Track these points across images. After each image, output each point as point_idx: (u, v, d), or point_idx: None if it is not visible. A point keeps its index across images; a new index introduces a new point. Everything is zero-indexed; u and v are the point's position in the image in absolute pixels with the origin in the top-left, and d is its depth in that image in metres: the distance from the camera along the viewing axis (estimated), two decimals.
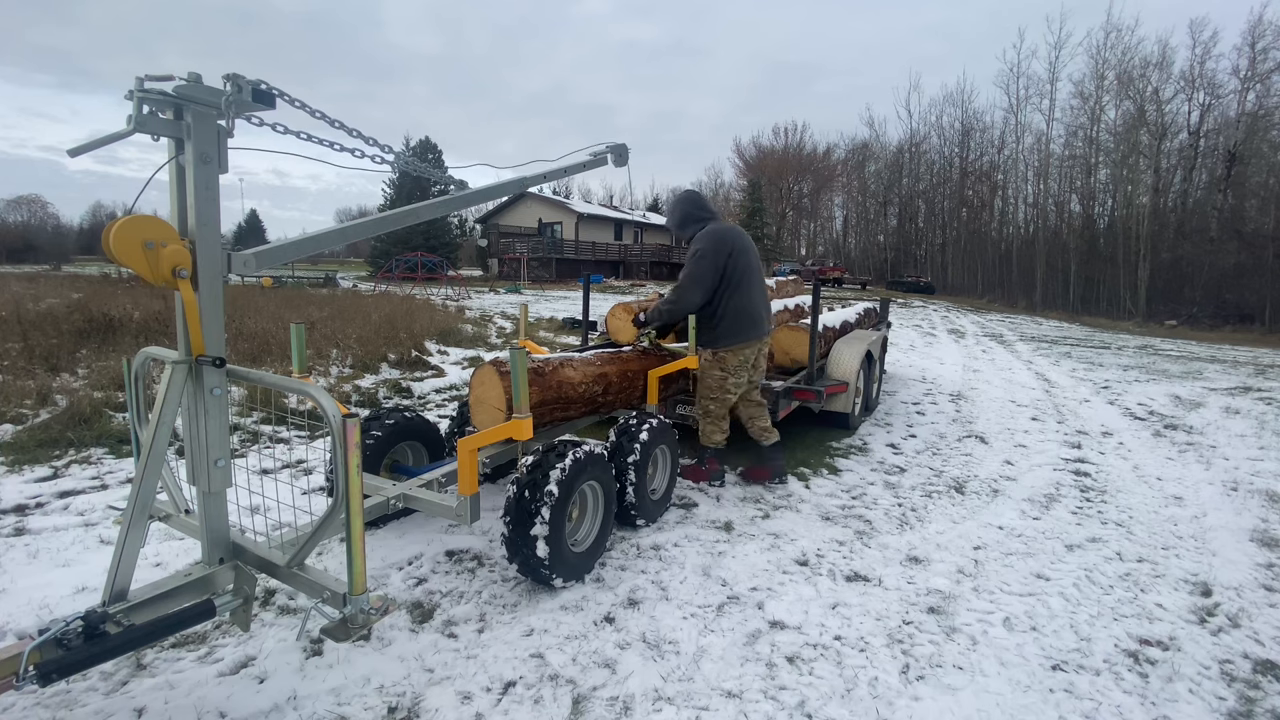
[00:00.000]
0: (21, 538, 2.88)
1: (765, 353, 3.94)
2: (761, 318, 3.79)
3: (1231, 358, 12.48)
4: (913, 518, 3.58)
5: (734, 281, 3.67)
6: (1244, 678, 2.26)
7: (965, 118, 48.44)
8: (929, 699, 2.06)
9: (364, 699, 1.95)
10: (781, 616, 2.51)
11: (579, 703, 1.98)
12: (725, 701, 2.01)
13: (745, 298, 3.70)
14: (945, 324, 16.97)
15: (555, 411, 3.13)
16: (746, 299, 3.70)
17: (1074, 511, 3.77)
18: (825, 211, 60.47)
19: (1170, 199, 37.25)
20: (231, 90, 1.75)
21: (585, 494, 2.80)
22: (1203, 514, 3.80)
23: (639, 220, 43.28)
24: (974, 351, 11.42)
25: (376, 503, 2.50)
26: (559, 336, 10.74)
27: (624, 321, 4.46)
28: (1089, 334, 18.10)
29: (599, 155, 3.60)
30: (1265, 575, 3.03)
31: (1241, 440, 5.54)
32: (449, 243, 35.29)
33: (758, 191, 48.22)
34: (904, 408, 6.45)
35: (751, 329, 3.72)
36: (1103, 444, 5.33)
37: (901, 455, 4.80)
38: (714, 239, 3.66)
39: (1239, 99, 34.86)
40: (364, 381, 6.34)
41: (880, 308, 7.54)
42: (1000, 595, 2.75)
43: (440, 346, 8.67)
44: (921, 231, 53.04)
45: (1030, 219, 43.59)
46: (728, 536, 3.22)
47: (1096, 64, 38.36)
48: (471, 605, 2.50)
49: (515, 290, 24.02)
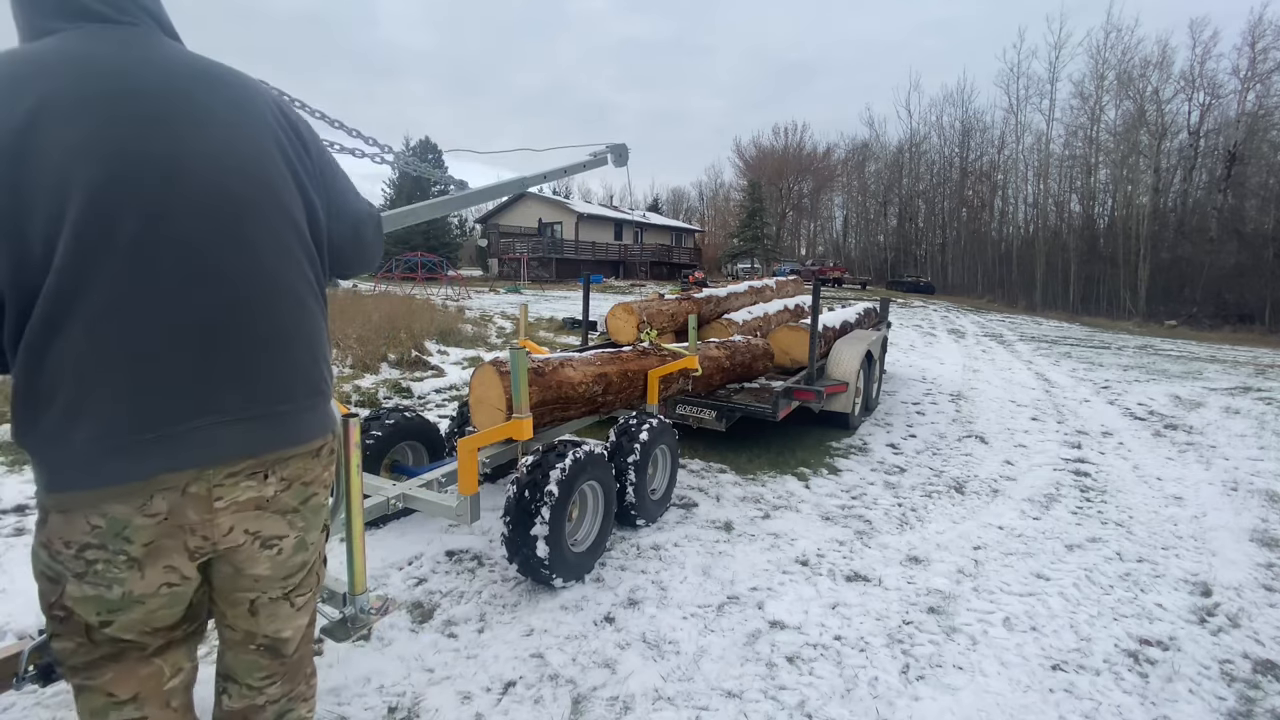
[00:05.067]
0: (21, 537, 2.88)
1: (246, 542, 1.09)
2: (186, 378, 0.97)
3: (1231, 358, 12.47)
4: (913, 518, 3.58)
5: (76, 265, 0.89)
6: (1244, 678, 2.26)
7: (965, 117, 48.41)
8: (929, 699, 2.06)
9: (364, 699, 1.95)
10: (781, 616, 2.51)
11: (579, 703, 1.98)
12: (725, 701, 2.01)
13: (124, 318, 0.92)
14: (945, 324, 16.97)
15: (555, 411, 3.13)
16: (127, 321, 0.92)
17: (1074, 511, 3.77)
18: (825, 211, 60.47)
19: (1170, 199, 37.23)
20: None
21: (585, 494, 2.80)
22: (1203, 514, 3.80)
23: (639, 220, 43.29)
24: (974, 351, 11.42)
25: (376, 503, 2.50)
26: (559, 336, 10.73)
27: (624, 322, 4.47)
28: (1089, 334, 18.09)
29: (599, 155, 3.61)
30: (1265, 575, 3.03)
31: (1241, 440, 5.54)
32: (449, 243, 35.32)
33: (758, 191, 48.22)
34: (904, 408, 6.45)
35: (138, 432, 0.93)
36: (1103, 444, 5.32)
37: (901, 455, 4.80)
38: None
39: (1239, 99, 34.84)
40: (364, 381, 6.34)
41: (880, 308, 7.54)
42: (1000, 595, 2.75)
43: (440, 346, 8.67)
44: (921, 231, 53.02)
45: (1030, 219, 43.57)
46: (728, 536, 3.22)
47: (1096, 64, 38.33)
48: (471, 605, 2.50)
49: (515, 290, 24.02)
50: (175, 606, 1.05)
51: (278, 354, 1.07)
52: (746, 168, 57.84)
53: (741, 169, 59.06)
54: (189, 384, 0.96)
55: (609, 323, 4.64)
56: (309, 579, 1.22)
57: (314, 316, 1.14)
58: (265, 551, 1.10)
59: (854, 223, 58.68)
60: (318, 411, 1.16)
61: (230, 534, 1.05)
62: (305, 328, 1.11)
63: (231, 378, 1.00)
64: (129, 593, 0.98)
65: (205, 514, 1.00)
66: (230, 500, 1.03)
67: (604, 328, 4.86)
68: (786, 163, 55.54)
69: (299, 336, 1.10)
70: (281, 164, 1.09)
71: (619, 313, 4.60)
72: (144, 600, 0.99)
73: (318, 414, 1.16)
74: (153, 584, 0.99)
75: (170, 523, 0.97)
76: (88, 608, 0.98)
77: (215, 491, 1.01)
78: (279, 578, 1.15)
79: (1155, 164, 36.03)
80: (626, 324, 4.50)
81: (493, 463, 3.03)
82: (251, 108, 1.08)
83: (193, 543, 1.01)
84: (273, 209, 1.06)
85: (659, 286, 27.69)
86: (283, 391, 1.08)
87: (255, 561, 1.10)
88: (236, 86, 1.08)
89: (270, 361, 1.06)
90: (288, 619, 1.20)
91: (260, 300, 1.04)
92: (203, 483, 0.99)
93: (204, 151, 0.99)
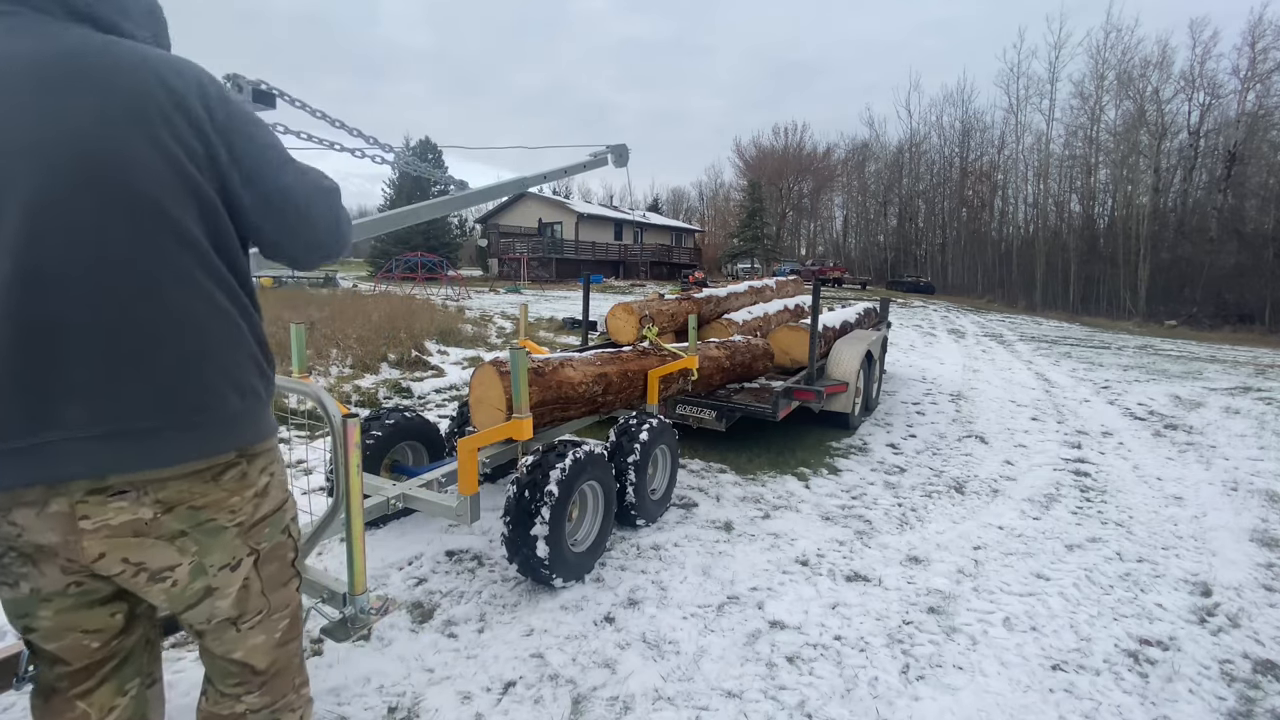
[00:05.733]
0: None
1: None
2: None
3: (1231, 358, 12.47)
4: (913, 518, 3.58)
5: None
6: (1244, 678, 2.26)
7: (965, 117, 48.41)
8: (929, 699, 2.06)
9: (364, 699, 1.95)
10: (781, 616, 2.51)
11: (579, 703, 1.98)
12: (725, 701, 2.01)
13: None
14: (945, 324, 16.96)
15: (555, 412, 3.13)
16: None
17: (1074, 511, 3.77)
18: (825, 211, 60.46)
19: (1170, 199, 37.22)
20: (232, 90, 1.75)
21: (585, 494, 2.80)
22: (1203, 514, 3.80)
23: (639, 220, 43.29)
24: (974, 351, 11.41)
25: (376, 503, 2.50)
26: (559, 336, 10.73)
27: (624, 321, 4.46)
28: (1089, 334, 18.09)
29: (599, 155, 3.61)
30: (1265, 575, 3.03)
31: (1241, 440, 5.54)
32: (449, 243, 35.29)
33: (758, 191, 48.21)
34: (904, 408, 6.45)
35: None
36: (1103, 444, 5.32)
37: (901, 455, 4.79)
38: None
39: (1239, 99, 34.83)
40: (364, 381, 6.34)
41: (880, 308, 7.54)
42: (1000, 595, 2.75)
43: (440, 346, 8.67)
44: (921, 231, 53.01)
45: (1030, 219, 43.57)
46: (728, 536, 3.22)
47: (1096, 64, 38.33)
48: (471, 605, 2.50)
49: (515, 290, 24.02)
50: (93, 616, 1.04)
51: (131, 364, 0.93)
52: (746, 168, 57.84)
53: (741, 169, 59.07)
54: (17, 397, 0.89)
55: (609, 323, 4.64)
56: (248, 603, 1.12)
57: (206, 319, 0.99)
58: (157, 585, 1.02)
59: (854, 223, 58.69)
60: (206, 429, 1.00)
61: (102, 560, 0.96)
62: (187, 332, 0.97)
63: (69, 391, 0.90)
64: (37, 589, 0.99)
65: (68, 534, 0.93)
66: (100, 522, 0.94)
67: (604, 328, 4.86)
68: (786, 163, 55.53)
69: (171, 343, 0.96)
70: (152, 154, 0.93)
71: (619, 313, 4.60)
72: (52, 599, 1.00)
73: (205, 432, 1.00)
74: (57, 582, 0.98)
75: (28, 539, 0.94)
76: (10, 611, 1.02)
77: (79, 510, 0.93)
78: (182, 609, 1.06)
79: (1155, 164, 36.03)
80: (626, 324, 4.50)
81: (493, 463, 3.03)
82: (112, 96, 0.92)
83: (59, 562, 0.97)
84: (129, 203, 0.92)
85: (659, 286, 27.68)
86: (144, 406, 0.94)
87: (148, 593, 1.03)
88: (92, 75, 0.92)
89: (120, 372, 0.92)
90: (237, 641, 1.13)
91: (103, 304, 0.91)
92: (62, 500, 0.92)
93: (17, 149, 0.89)
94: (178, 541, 1.01)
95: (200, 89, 1.00)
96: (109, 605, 1.06)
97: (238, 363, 1.03)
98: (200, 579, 1.05)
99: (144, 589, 1.02)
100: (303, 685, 1.29)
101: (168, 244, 0.95)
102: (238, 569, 1.09)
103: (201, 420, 0.99)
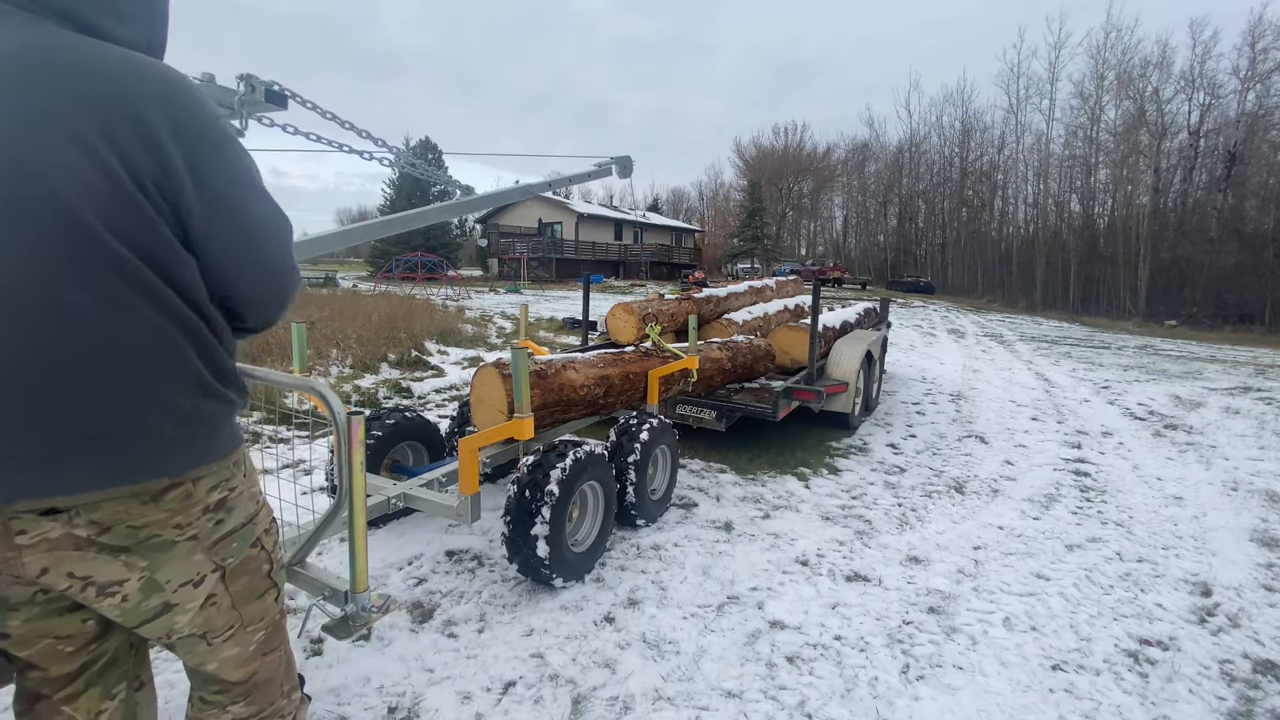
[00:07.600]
0: None
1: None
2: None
3: (1231, 358, 12.47)
4: (913, 518, 3.58)
5: None
6: (1244, 678, 2.26)
7: (965, 117, 48.43)
8: (929, 699, 2.06)
9: (364, 699, 1.96)
10: (781, 616, 2.51)
11: (579, 703, 1.99)
12: (725, 701, 2.01)
13: None
14: (945, 324, 16.96)
15: (556, 414, 3.13)
16: None
17: (1074, 511, 3.77)
18: (825, 211, 60.46)
19: (1170, 199, 37.22)
20: (245, 90, 1.76)
21: (585, 494, 2.80)
22: (1203, 514, 3.80)
23: (639, 220, 43.30)
24: (974, 351, 11.42)
25: (377, 502, 2.51)
26: (559, 336, 10.74)
27: (624, 321, 4.47)
28: (1089, 334, 18.09)
29: (604, 165, 3.62)
30: (1265, 575, 3.03)
31: (1241, 440, 5.54)
32: (449, 243, 35.30)
33: (758, 191, 48.22)
34: (904, 408, 6.45)
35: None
36: (1103, 444, 5.33)
37: (901, 455, 4.80)
38: None
39: (1239, 99, 34.83)
40: (364, 381, 6.34)
41: (880, 308, 7.55)
42: (1000, 595, 2.75)
43: (440, 346, 8.67)
44: (921, 231, 53.01)
45: (1030, 219, 43.58)
46: (728, 536, 3.22)
47: (1096, 64, 38.34)
48: (471, 605, 2.50)
49: (515, 290, 24.01)
50: (64, 623, 1.02)
51: (40, 389, 0.87)
52: (746, 167, 57.85)
53: (741, 169, 59.09)
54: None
55: (609, 323, 4.64)
56: (217, 618, 1.09)
57: (129, 339, 0.91)
58: (107, 599, 0.98)
59: (854, 223, 58.68)
60: (126, 457, 0.93)
61: (46, 576, 0.93)
62: (98, 355, 0.89)
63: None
64: (5, 598, 0.96)
65: (7, 551, 0.91)
66: (38, 536, 0.91)
67: (604, 328, 4.86)
68: (786, 163, 55.54)
69: (78, 367, 0.88)
70: (79, 161, 0.85)
71: (619, 313, 4.60)
72: (19, 608, 0.98)
73: (125, 459, 0.93)
74: (21, 592, 0.96)
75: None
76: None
77: (14, 525, 0.90)
78: (136, 623, 1.03)
79: (1155, 164, 36.02)
80: (627, 324, 4.50)
81: (493, 463, 3.04)
82: (45, 98, 0.86)
83: (4, 579, 0.94)
84: (34, 211, 0.84)
85: (659, 286, 27.68)
86: (62, 429, 0.89)
87: (100, 607, 0.99)
88: (33, 75, 0.86)
89: (30, 398, 0.87)
90: (209, 654, 1.11)
91: (11, 323, 0.85)
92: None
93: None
94: (122, 557, 0.96)
95: (166, 100, 0.93)
96: (79, 612, 1.03)
97: (174, 384, 0.96)
98: (155, 595, 1.01)
99: (94, 603, 0.98)
100: (293, 690, 1.27)
101: (84, 258, 0.86)
102: (201, 585, 1.05)
103: (119, 446, 0.92)
